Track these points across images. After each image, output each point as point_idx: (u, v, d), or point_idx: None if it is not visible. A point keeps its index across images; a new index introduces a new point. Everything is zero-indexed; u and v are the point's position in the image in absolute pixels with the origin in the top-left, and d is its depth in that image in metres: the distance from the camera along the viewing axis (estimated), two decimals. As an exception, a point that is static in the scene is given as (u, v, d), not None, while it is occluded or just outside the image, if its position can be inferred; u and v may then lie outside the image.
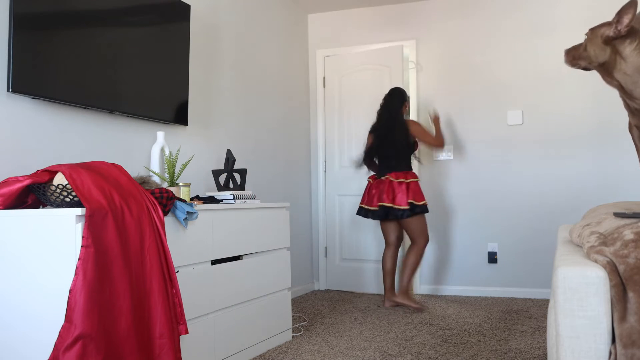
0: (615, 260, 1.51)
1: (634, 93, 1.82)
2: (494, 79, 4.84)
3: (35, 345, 2.00)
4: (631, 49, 1.79)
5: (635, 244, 1.51)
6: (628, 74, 1.80)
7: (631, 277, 1.47)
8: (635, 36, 1.80)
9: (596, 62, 1.86)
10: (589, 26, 4.57)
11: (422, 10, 5.07)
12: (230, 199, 3.16)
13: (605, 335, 1.47)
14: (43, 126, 2.62)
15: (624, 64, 1.80)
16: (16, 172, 2.44)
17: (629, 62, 1.80)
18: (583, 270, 1.50)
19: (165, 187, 2.59)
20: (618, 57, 1.81)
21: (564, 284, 1.51)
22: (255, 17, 4.47)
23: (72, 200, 2.06)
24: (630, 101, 1.89)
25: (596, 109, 4.54)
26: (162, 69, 3.24)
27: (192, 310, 2.57)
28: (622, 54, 1.81)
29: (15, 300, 2.05)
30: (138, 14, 3.06)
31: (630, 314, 1.44)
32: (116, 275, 2.01)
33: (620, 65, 1.80)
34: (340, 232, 5.25)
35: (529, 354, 3.03)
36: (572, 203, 4.58)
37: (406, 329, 3.62)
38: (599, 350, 1.47)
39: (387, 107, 4.41)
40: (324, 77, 5.35)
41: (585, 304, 1.48)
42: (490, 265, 4.81)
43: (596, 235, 1.65)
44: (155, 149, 3.05)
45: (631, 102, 1.89)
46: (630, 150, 4.47)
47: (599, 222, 1.81)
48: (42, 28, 2.51)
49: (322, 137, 5.34)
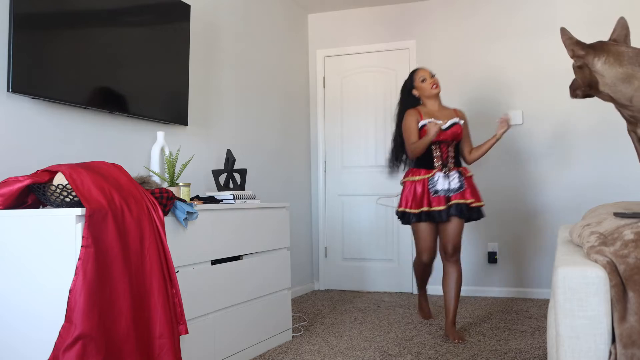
0: (615, 260, 1.51)
1: (622, 100, 1.93)
2: (494, 79, 4.84)
3: (35, 345, 2.00)
4: (601, 63, 1.92)
5: (635, 244, 1.51)
6: (609, 85, 1.92)
7: (631, 277, 1.47)
8: (601, 51, 1.93)
9: (585, 85, 2.00)
10: (589, 26, 4.58)
11: (422, 10, 5.07)
12: (230, 199, 3.16)
13: (605, 335, 1.47)
14: (43, 126, 2.62)
15: (602, 78, 1.93)
16: (16, 172, 2.44)
17: (605, 75, 1.92)
18: (583, 270, 1.50)
19: (165, 187, 2.59)
20: (596, 74, 1.94)
21: (564, 284, 1.51)
22: (255, 17, 4.47)
23: (72, 200, 2.06)
24: (623, 109, 1.99)
25: (596, 108, 4.54)
26: (162, 69, 3.24)
27: (192, 310, 2.57)
28: (597, 71, 1.93)
29: (15, 300, 2.05)
30: (138, 14, 3.06)
31: (630, 314, 1.44)
32: (116, 275, 2.01)
33: (601, 80, 1.93)
34: (342, 232, 5.25)
35: (529, 354, 3.03)
36: (572, 203, 4.58)
37: (406, 329, 3.62)
38: (599, 350, 1.47)
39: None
40: (324, 77, 5.35)
41: (585, 304, 1.48)
42: (490, 265, 4.81)
43: (596, 235, 1.65)
44: (155, 149, 3.05)
45: (624, 111, 1.99)
46: (630, 151, 4.47)
47: (598, 222, 1.81)
48: (42, 28, 2.51)
49: (322, 137, 5.34)
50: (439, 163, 3.44)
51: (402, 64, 5.10)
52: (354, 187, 5.20)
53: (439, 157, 3.45)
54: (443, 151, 3.46)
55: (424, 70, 3.57)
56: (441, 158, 3.46)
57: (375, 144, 5.17)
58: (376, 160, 5.16)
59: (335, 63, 5.32)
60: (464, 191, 3.40)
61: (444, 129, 3.42)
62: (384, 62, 5.16)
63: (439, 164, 3.44)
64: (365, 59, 5.22)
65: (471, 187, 3.46)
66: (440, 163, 3.44)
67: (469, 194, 3.41)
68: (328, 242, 5.28)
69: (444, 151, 3.45)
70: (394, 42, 5.13)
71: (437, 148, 3.45)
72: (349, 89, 5.27)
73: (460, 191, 3.39)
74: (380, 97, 5.17)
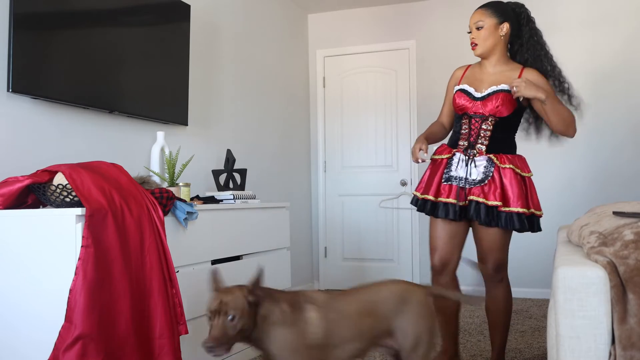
0: (615, 260, 1.51)
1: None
2: (494, 79, 4.83)
3: (35, 345, 1.99)
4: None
5: (636, 244, 1.51)
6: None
7: (631, 278, 1.47)
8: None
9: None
10: (588, 26, 4.58)
11: (422, 10, 5.06)
12: (230, 199, 3.16)
13: (605, 335, 1.47)
14: (43, 126, 2.62)
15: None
16: (16, 172, 2.44)
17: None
18: (583, 270, 1.50)
19: (165, 187, 2.59)
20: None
21: (564, 284, 1.51)
22: (255, 17, 4.47)
23: (72, 200, 2.06)
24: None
25: (595, 109, 4.54)
26: (162, 69, 3.24)
27: (192, 310, 2.57)
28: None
29: (15, 300, 2.05)
30: (138, 14, 3.06)
31: (630, 316, 1.44)
32: (116, 275, 2.01)
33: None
34: (342, 232, 5.24)
35: (529, 354, 3.03)
36: (572, 203, 4.57)
37: (406, 329, 3.62)
38: (598, 350, 1.47)
39: None
40: (324, 77, 5.35)
41: (585, 304, 1.48)
42: (490, 265, 4.80)
43: (596, 235, 1.65)
44: (155, 149, 3.05)
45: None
46: (630, 151, 4.47)
47: (598, 221, 1.80)
48: (42, 28, 2.51)
49: (322, 137, 5.34)
50: (463, 143, 2.56)
51: (402, 64, 5.10)
52: (354, 187, 5.20)
53: (465, 135, 2.56)
54: (473, 127, 2.54)
55: (472, 15, 2.57)
56: (468, 136, 2.55)
57: (375, 144, 5.17)
58: (376, 160, 5.16)
59: (335, 63, 5.32)
60: (490, 187, 2.46)
61: (425, 155, 2.55)
62: (384, 62, 5.16)
63: (463, 144, 2.56)
64: (365, 59, 5.22)
65: (513, 186, 2.46)
66: (465, 143, 2.56)
67: (495, 194, 2.45)
68: (328, 242, 5.28)
69: (474, 127, 2.54)
70: (394, 42, 5.13)
71: (467, 121, 2.57)
72: (349, 89, 5.27)
73: (482, 184, 2.47)
74: (380, 97, 5.17)
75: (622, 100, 4.51)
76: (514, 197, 2.44)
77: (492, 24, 2.52)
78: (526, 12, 2.60)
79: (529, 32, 2.58)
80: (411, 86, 5.07)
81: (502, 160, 2.50)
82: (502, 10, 2.54)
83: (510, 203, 2.44)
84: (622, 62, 4.51)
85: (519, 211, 2.43)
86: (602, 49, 4.56)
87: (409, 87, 5.08)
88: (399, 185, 5.08)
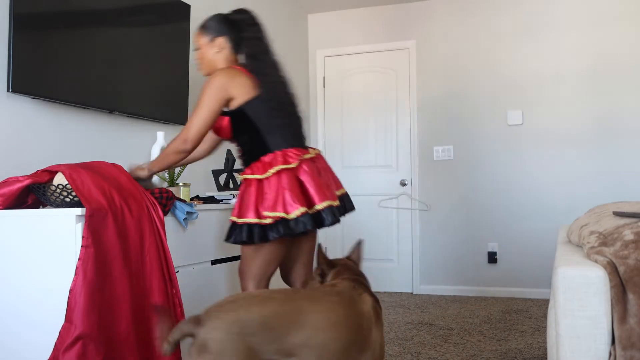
0: (615, 260, 1.51)
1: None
2: (494, 79, 4.83)
3: (35, 345, 1.99)
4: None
5: (635, 244, 1.51)
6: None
7: (631, 278, 1.47)
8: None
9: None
10: (588, 25, 4.58)
11: (422, 11, 5.06)
12: (230, 199, 3.16)
13: (605, 335, 1.47)
14: (43, 126, 2.62)
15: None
16: (16, 172, 2.44)
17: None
18: (583, 270, 1.50)
19: (165, 187, 2.59)
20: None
21: (564, 284, 1.51)
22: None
23: (72, 200, 2.06)
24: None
25: (596, 109, 4.54)
26: (162, 69, 3.24)
27: (192, 310, 2.56)
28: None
29: (15, 300, 2.05)
30: (138, 14, 3.06)
31: (630, 316, 1.44)
32: (116, 275, 2.01)
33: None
34: (342, 232, 5.24)
35: (529, 354, 3.03)
36: (572, 203, 4.57)
37: (406, 329, 3.62)
38: (599, 350, 1.47)
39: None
40: (324, 77, 5.35)
41: (585, 304, 1.48)
42: (490, 265, 4.81)
43: (596, 235, 1.65)
44: (155, 149, 3.04)
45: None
46: (630, 151, 4.47)
47: (597, 221, 1.80)
48: (42, 28, 2.51)
49: (322, 137, 5.34)
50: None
51: (402, 64, 5.10)
52: (354, 187, 5.20)
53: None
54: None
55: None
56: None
57: (375, 144, 5.17)
58: (376, 160, 5.16)
59: (335, 63, 5.32)
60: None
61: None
62: (384, 62, 5.16)
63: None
64: (365, 59, 5.22)
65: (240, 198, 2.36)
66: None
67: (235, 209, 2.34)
68: (328, 242, 5.28)
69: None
70: (394, 42, 5.13)
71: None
72: (349, 89, 5.27)
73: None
74: (381, 97, 5.17)
75: (621, 99, 4.51)
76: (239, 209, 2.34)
77: (205, 42, 2.47)
78: (247, 16, 2.60)
79: (252, 33, 2.59)
80: (411, 86, 5.07)
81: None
82: (214, 27, 2.50)
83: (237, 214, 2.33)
84: (621, 62, 4.51)
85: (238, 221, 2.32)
86: (601, 49, 4.56)
87: (409, 87, 5.08)
88: (398, 185, 5.08)
